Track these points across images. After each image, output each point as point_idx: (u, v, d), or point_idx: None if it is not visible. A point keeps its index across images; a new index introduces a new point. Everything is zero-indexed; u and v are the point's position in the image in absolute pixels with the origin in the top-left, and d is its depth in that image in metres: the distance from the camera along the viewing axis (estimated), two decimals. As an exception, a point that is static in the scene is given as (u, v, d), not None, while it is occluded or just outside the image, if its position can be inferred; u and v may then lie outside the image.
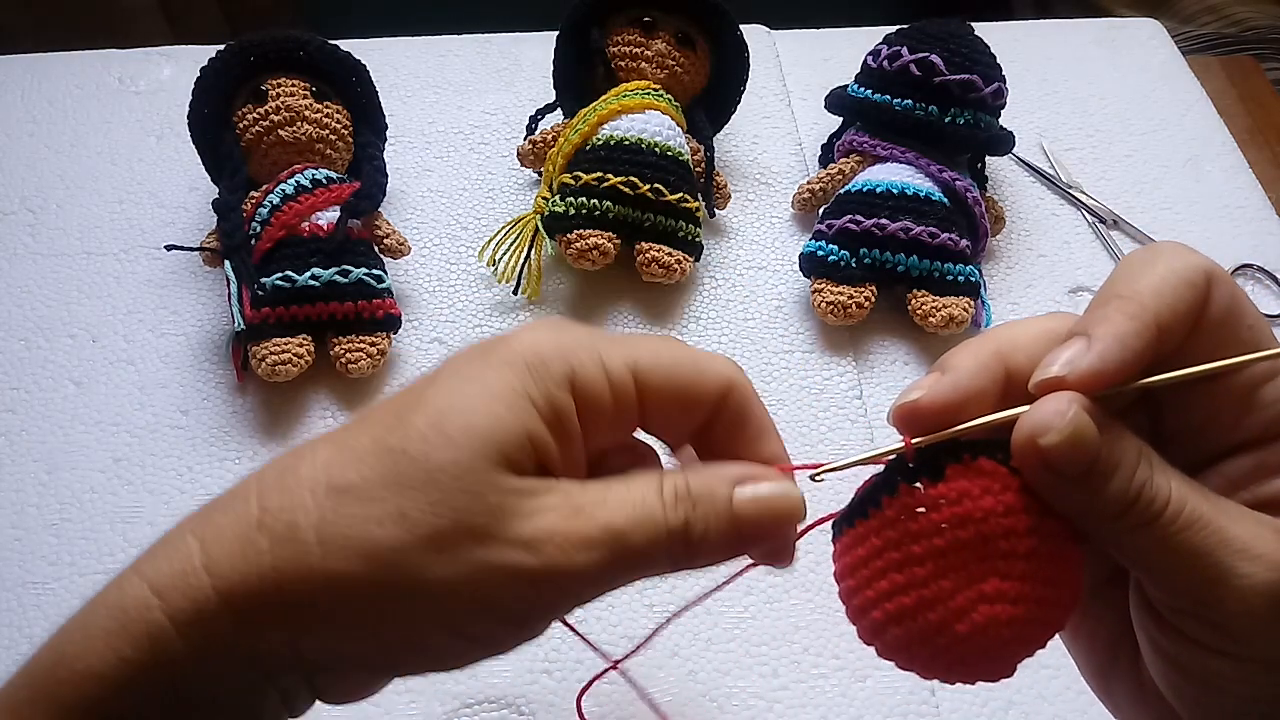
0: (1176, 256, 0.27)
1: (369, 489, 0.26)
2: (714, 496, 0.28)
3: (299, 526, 0.26)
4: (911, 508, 0.28)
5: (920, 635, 0.28)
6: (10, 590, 0.53)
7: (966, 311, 0.63)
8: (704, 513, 0.28)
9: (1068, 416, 0.26)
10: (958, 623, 0.27)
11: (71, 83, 0.78)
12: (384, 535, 0.25)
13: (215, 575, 0.26)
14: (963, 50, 0.66)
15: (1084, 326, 0.27)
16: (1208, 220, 0.73)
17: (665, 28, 0.68)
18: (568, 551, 0.26)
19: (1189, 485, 0.27)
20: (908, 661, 0.29)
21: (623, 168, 0.63)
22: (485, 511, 0.26)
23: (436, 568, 0.26)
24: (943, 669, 0.28)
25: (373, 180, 0.64)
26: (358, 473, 0.26)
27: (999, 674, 0.28)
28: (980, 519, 0.27)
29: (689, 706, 0.51)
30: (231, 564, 0.26)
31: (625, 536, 0.27)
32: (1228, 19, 1.08)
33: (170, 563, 0.26)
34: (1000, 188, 0.74)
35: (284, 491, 0.27)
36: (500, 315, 0.66)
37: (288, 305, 0.59)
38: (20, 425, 0.60)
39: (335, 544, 0.25)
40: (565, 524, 0.27)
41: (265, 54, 0.63)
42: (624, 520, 0.27)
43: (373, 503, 0.26)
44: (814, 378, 0.63)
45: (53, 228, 0.69)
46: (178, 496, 0.57)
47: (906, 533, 0.28)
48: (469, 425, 0.27)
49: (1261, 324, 0.28)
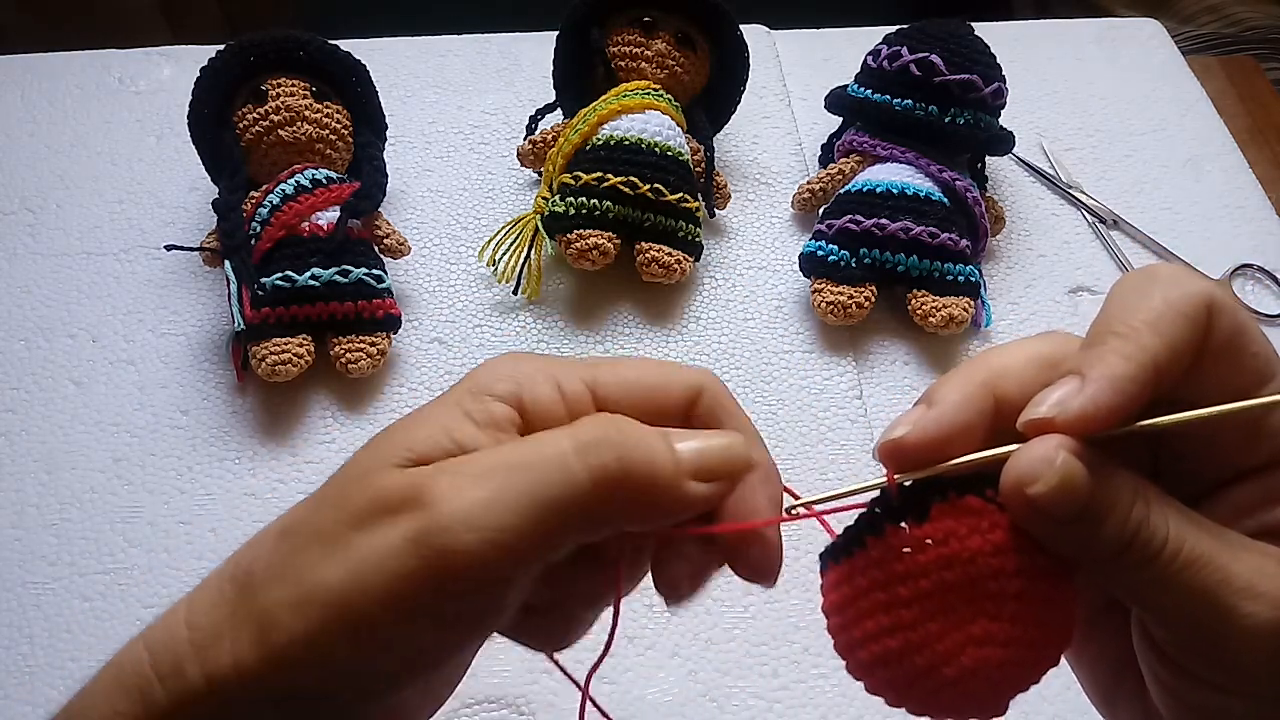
0: (1174, 285, 0.26)
1: (308, 521, 0.27)
2: (634, 440, 0.27)
3: (254, 571, 0.27)
4: (897, 549, 0.27)
5: (907, 679, 0.27)
6: (10, 590, 0.53)
7: (966, 311, 0.63)
8: (637, 440, 0.27)
9: (1056, 464, 0.25)
10: (945, 666, 0.26)
11: (71, 83, 0.78)
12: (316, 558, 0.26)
13: (194, 627, 0.27)
14: (963, 50, 0.66)
15: (1078, 365, 0.26)
16: (1208, 220, 0.73)
17: (665, 28, 0.68)
18: (454, 495, 0.25)
19: (1189, 521, 0.26)
20: (896, 701, 0.28)
21: (623, 168, 0.63)
22: (368, 491, 0.26)
23: (332, 572, 0.25)
24: (932, 711, 0.28)
25: (373, 180, 0.64)
26: (306, 510, 0.27)
27: (990, 714, 0.28)
28: (967, 560, 0.26)
29: (689, 706, 0.51)
30: (207, 614, 0.27)
31: (521, 480, 0.25)
32: (1228, 19, 1.08)
33: (164, 630, 0.27)
34: (1000, 188, 0.74)
35: (251, 545, 0.28)
36: (500, 315, 0.66)
37: (288, 305, 0.59)
38: (20, 425, 0.60)
39: (272, 575, 0.26)
40: (454, 476, 0.26)
41: (265, 54, 0.63)
42: (520, 461, 0.26)
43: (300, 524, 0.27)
44: (814, 378, 0.63)
45: (53, 228, 0.69)
46: (178, 496, 0.57)
47: (892, 574, 0.27)
48: (394, 439, 0.27)
49: (1265, 349, 0.27)
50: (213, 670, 0.26)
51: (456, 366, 0.63)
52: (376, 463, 0.27)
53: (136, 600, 0.53)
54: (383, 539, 0.25)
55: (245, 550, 0.28)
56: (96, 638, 0.52)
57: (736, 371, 0.63)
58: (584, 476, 0.26)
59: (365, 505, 0.26)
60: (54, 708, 0.27)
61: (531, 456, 0.26)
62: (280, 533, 0.27)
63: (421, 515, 0.25)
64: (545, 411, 0.28)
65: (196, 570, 0.54)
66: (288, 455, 0.59)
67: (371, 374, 0.61)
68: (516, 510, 0.25)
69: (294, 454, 0.59)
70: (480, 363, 0.29)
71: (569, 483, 0.25)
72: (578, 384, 0.28)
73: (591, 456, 0.26)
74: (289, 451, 0.59)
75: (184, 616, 0.27)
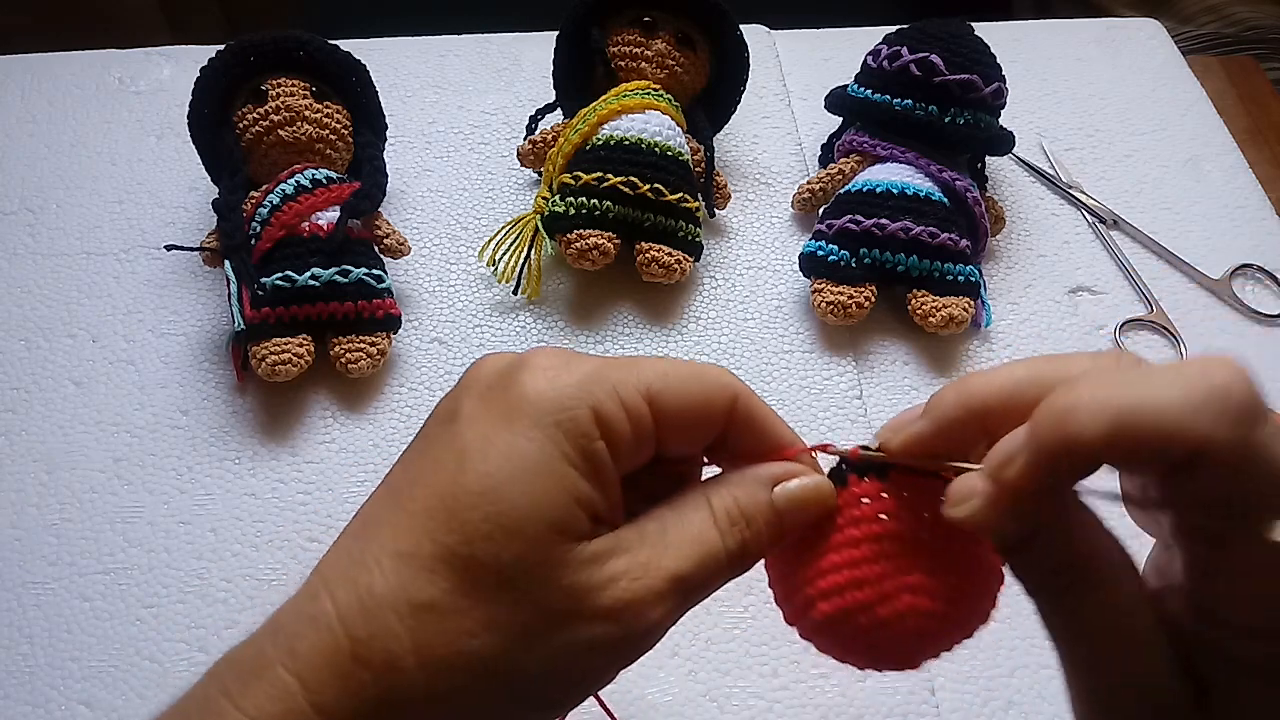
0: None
1: (451, 602, 0.27)
2: (760, 506, 0.30)
3: (396, 655, 0.26)
4: (856, 497, 0.31)
5: (846, 613, 0.30)
6: (10, 590, 0.53)
7: (966, 311, 0.63)
8: (756, 528, 0.30)
9: (975, 498, 0.27)
10: (880, 606, 0.29)
11: (71, 83, 0.78)
12: (480, 646, 0.26)
13: (324, 712, 0.26)
14: (963, 50, 0.66)
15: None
16: (1208, 220, 0.73)
17: (665, 28, 0.68)
18: (644, 611, 0.28)
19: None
20: (830, 641, 0.31)
21: (623, 168, 0.63)
22: (563, 595, 0.27)
23: (531, 662, 0.27)
24: (858, 650, 0.31)
25: (373, 180, 0.64)
26: (436, 586, 0.27)
27: (906, 663, 0.31)
28: (912, 516, 0.30)
29: (689, 706, 0.51)
30: (338, 701, 0.26)
31: (692, 579, 0.29)
32: (1228, 19, 1.08)
33: (273, 701, 0.26)
34: (1000, 188, 0.74)
35: (368, 617, 0.27)
36: (500, 315, 0.66)
37: (288, 305, 0.59)
38: (20, 425, 0.60)
39: (436, 667, 0.26)
40: (637, 585, 0.28)
41: (265, 54, 0.63)
42: (690, 565, 0.29)
43: (459, 615, 0.27)
44: (814, 378, 0.63)
45: (53, 228, 0.69)
46: (178, 496, 0.57)
47: (849, 519, 0.30)
48: (525, 513, 0.27)
49: None
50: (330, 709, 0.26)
51: (456, 366, 0.63)
52: (539, 548, 0.27)
53: (136, 600, 0.53)
54: (586, 639, 0.28)
55: (357, 621, 0.27)
56: (96, 638, 0.52)
57: (736, 371, 0.63)
58: (728, 563, 0.30)
59: (561, 598, 0.27)
60: (54, 708, 0.27)
61: (703, 577, 0.30)
62: (415, 609, 0.27)
63: (615, 629, 0.28)
64: (617, 435, 0.29)
65: (196, 570, 0.54)
66: (288, 455, 0.59)
67: (371, 374, 0.61)
68: (677, 606, 0.29)
69: (294, 454, 0.59)
70: (530, 361, 0.29)
71: (719, 571, 0.30)
72: (636, 396, 0.29)
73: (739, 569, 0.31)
74: (289, 451, 0.59)
75: (306, 700, 0.26)
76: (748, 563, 0.31)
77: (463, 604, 0.26)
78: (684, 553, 0.29)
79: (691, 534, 0.30)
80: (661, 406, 0.29)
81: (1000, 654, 0.52)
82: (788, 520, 0.31)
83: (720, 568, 0.30)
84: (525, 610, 0.27)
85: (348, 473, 0.58)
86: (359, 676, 0.26)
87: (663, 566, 0.29)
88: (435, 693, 0.26)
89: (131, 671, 0.51)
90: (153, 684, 0.51)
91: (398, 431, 0.60)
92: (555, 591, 0.27)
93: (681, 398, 0.30)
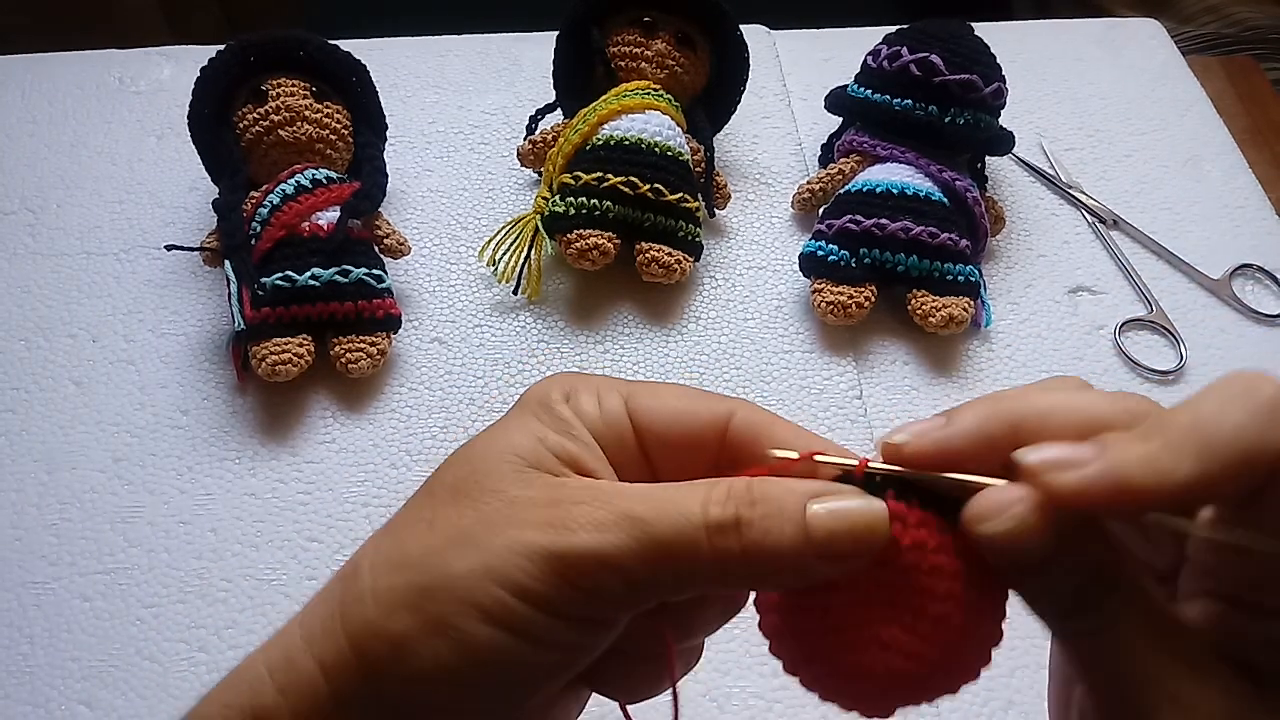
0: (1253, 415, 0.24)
1: (413, 514, 0.29)
2: (781, 502, 0.27)
3: (359, 565, 0.29)
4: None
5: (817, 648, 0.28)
6: (10, 590, 0.53)
7: (966, 311, 0.63)
8: (765, 513, 0.27)
9: (1010, 512, 0.24)
10: (850, 653, 0.27)
11: (71, 83, 0.78)
12: (413, 541, 0.28)
13: (304, 625, 0.29)
14: (963, 50, 0.66)
15: (1114, 439, 0.24)
16: (1208, 220, 0.73)
17: (665, 28, 0.68)
18: (581, 531, 0.27)
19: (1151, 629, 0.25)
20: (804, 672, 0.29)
21: (623, 168, 0.63)
22: (506, 503, 0.28)
23: (459, 560, 0.27)
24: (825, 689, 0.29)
25: (373, 180, 0.64)
26: (407, 509, 0.30)
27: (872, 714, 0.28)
28: (900, 562, 0.27)
29: (689, 706, 0.51)
30: (315, 612, 0.29)
31: (645, 522, 0.26)
32: (1228, 19, 1.08)
33: (278, 634, 0.30)
34: (1000, 188, 0.74)
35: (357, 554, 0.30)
36: (500, 315, 0.66)
37: (288, 305, 0.59)
38: (20, 425, 0.60)
39: (383, 568, 0.28)
40: (583, 509, 0.27)
41: (265, 54, 0.63)
42: (645, 508, 0.27)
43: (415, 523, 0.29)
44: (814, 378, 0.63)
45: (53, 228, 0.69)
46: (178, 496, 0.57)
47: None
48: (487, 445, 0.30)
49: None
50: (322, 656, 0.28)
51: (456, 366, 0.63)
52: (492, 465, 0.29)
53: (136, 600, 0.53)
54: (522, 547, 0.27)
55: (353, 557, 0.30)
56: (96, 638, 0.52)
57: (736, 371, 0.63)
58: (708, 551, 0.27)
59: (505, 506, 0.28)
60: (54, 707, 0.27)
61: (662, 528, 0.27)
62: (390, 531, 0.30)
63: (546, 536, 0.27)
64: (583, 411, 0.31)
65: (196, 570, 0.54)
66: (288, 455, 0.59)
67: (371, 374, 0.61)
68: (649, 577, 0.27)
69: (294, 454, 0.59)
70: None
71: (695, 556, 0.27)
72: (616, 398, 0.31)
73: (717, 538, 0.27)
74: (289, 451, 0.59)
75: (297, 621, 0.29)
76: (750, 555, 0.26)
77: (424, 514, 0.29)
78: (648, 499, 0.27)
79: (667, 492, 0.27)
80: (643, 412, 0.31)
81: (1000, 654, 0.52)
82: (819, 535, 0.26)
83: (688, 529, 0.26)
84: (468, 514, 0.28)
85: (348, 473, 0.58)
86: (332, 588, 0.29)
87: (616, 502, 0.27)
88: (379, 592, 0.28)
89: (131, 671, 0.51)
90: (153, 684, 0.51)
91: (398, 431, 0.60)
92: (500, 499, 0.28)
93: (667, 408, 0.31)
